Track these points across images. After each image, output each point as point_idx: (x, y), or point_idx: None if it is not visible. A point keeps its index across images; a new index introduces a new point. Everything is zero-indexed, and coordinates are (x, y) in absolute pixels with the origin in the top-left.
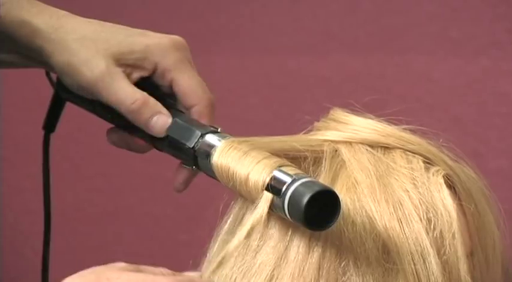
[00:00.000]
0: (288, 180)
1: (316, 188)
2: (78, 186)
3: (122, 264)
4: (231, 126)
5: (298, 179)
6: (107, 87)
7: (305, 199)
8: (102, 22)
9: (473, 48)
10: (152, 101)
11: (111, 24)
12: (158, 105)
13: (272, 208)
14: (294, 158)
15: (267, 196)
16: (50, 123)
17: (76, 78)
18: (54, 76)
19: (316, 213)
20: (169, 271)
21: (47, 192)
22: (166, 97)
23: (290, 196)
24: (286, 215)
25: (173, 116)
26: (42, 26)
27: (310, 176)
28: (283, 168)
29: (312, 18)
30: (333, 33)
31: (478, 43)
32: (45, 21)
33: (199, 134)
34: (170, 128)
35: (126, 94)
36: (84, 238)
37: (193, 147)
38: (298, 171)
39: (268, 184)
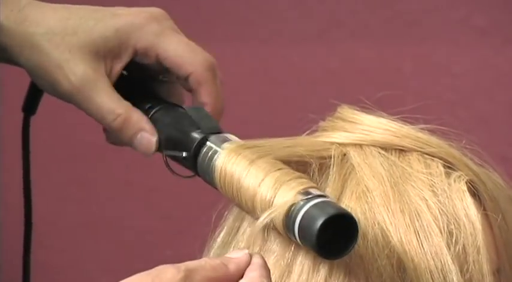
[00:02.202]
0: (299, 200)
1: (331, 211)
2: (50, 195)
3: (170, 274)
4: (225, 127)
5: (311, 199)
6: (86, 100)
7: (318, 223)
8: (67, 6)
9: (501, 38)
10: (135, 116)
11: (77, 7)
12: (142, 121)
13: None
14: (299, 165)
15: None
16: (30, 105)
17: (51, 85)
18: None
19: (330, 236)
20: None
21: (27, 184)
22: (158, 78)
23: (301, 218)
24: (296, 238)
25: (168, 114)
26: (4, 21)
27: (324, 195)
28: (293, 183)
29: (318, 2)
30: (341, 19)
31: (507, 31)
32: (6, 16)
33: (198, 138)
34: (163, 138)
35: (106, 109)
36: (57, 254)
37: (193, 154)
38: (311, 188)
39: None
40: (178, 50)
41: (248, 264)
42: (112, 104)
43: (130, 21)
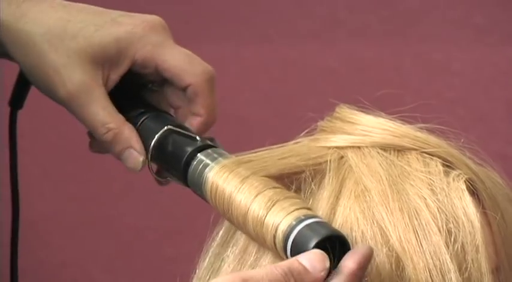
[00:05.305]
0: (291, 220)
1: (324, 232)
2: (49, 193)
3: None
4: (223, 126)
5: (304, 220)
6: (80, 109)
7: (311, 244)
8: (66, 5)
9: (499, 36)
10: (126, 132)
11: (78, 7)
12: (132, 139)
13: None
14: (295, 174)
15: None
16: (17, 99)
17: (47, 88)
18: None
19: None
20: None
21: (15, 179)
22: (148, 86)
23: (294, 239)
24: (288, 258)
25: (162, 124)
26: (2, 15)
27: (316, 215)
28: (285, 203)
29: (317, 2)
30: (341, 18)
31: (505, 30)
32: (3, 9)
33: (189, 151)
34: (156, 149)
35: (99, 122)
36: (55, 252)
37: (183, 168)
38: (303, 208)
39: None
40: (178, 60)
41: None
42: (105, 117)
43: (130, 31)
